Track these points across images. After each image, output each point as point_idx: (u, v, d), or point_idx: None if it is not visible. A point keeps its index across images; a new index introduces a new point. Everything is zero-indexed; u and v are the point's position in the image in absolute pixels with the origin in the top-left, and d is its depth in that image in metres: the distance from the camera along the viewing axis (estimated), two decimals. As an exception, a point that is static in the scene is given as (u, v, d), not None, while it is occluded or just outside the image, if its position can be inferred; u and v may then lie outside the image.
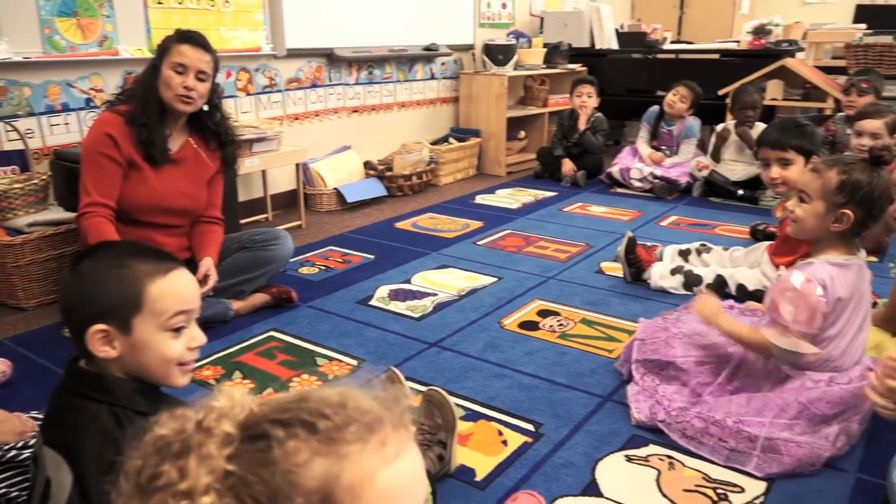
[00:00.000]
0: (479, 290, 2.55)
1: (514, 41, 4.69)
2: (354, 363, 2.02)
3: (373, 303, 2.45)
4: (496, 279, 2.67)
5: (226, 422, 0.50)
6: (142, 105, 2.05)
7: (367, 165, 4.06)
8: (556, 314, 2.34)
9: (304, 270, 2.79)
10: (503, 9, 5.03)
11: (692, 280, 2.52)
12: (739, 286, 2.43)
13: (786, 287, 1.56)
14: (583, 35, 5.15)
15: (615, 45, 5.27)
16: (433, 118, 4.64)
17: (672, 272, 2.55)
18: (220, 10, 3.20)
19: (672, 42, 5.65)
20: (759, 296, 2.30)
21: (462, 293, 2.53)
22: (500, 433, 1.65)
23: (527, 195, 4.05)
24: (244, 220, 3.37)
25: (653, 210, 3.69)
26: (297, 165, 3.41)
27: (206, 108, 2.15)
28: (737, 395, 1.64)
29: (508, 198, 4.00)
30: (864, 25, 5.24)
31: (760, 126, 3.72)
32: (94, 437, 0.94)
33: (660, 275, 2.56)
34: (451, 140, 4.53)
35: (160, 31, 2.13)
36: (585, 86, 4.28)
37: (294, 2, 3.50)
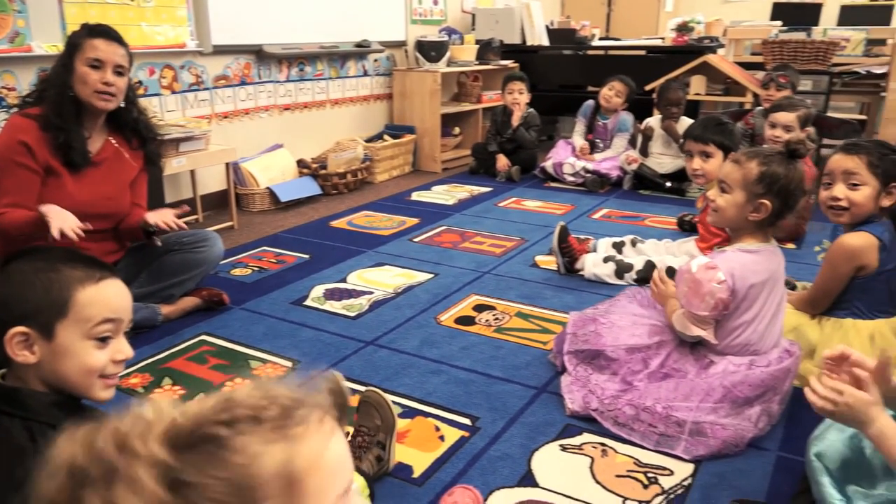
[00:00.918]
0: (416, 287, 2.55)
1: (447, 38, 4.70)
2: (289, 365, 1.98)
3: (308, 303, 2.42)
4: (432, 276, 2.67)
5: (151, 440, 0.48)
6: (55, 107, 1.95)
7: (301, 164, 4.00)
8: (492, 308, 2.36)
9: (237, 272, 2.73)
10: (435, 5, 5.03)
11: (623, 267, 2.58)
12: (669, 268, 2.52)
13: (685, 271, 1.63)
14: (514, 32, 5.20)
15: (546, 42, 5.35)
16: (367, 115, 4.61)
17: (605, 260, 2.62)
18: (141, 6, 3.09)
19: (601, 39, 5.77)
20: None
21: (398, 290, 2.52)
22: (438, 429, 1.65)
23: (462, 191, 4.07)
24: (173, 222, 3.26)
25: (585, 203, 3.77)
26: (228, 165, 3.33)
27: (123, 105, 2.07)
28: (665, 381, 1.69)
29: (444, 194, 4.01)
30: (780, 22, 5.49)
31: (685, 120, 3.85)
32: (4, 454, 0.89)
33: (593, 262, 2.62)
34: (386, 137, 4.51)
35: (76, 27, 2.03)
36: (517, 82, 4.33)
37: (219, -3, 3.42)
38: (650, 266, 2.56)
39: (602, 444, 1.59)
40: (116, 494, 0.46)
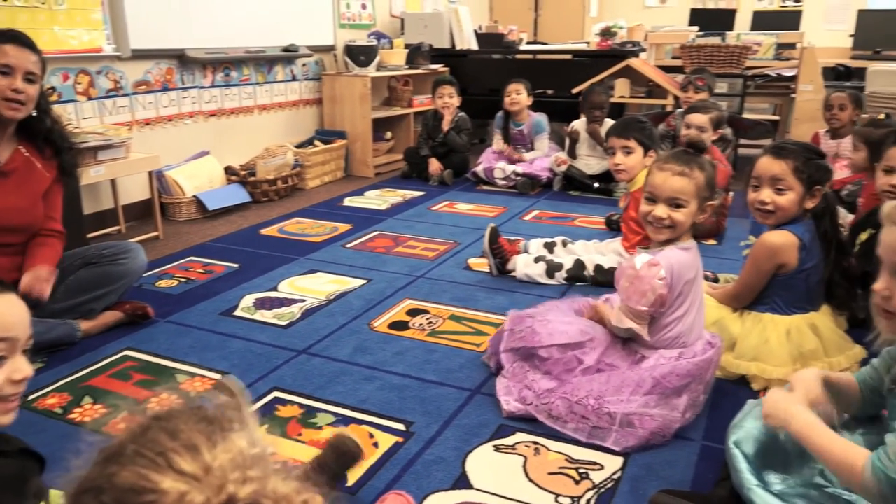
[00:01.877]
0: (349, 294, 2.53)
1: (376, 42, 4.69)
2: (218, 377, 1.93)
3: (237, 313, 2.36)
4: (365, 281, 2.65)
5: None
6: (-40, 115, 1.85)
7: (229, 171, 3.90)
8: (426, 312, 2.37)
9: (162, 284, 2.64)
10: (363, 10, 5.01)
11: (554, 267, 2.63)
12: (597, 266, 2.60)
13: (629, 267, 1.68)
14: (443, 36, 5.23)
15: (475, 46, 5.40)
16: (297, 120, 4.55)
17: (535, 260, 2.67)
18: (52, 9, 2.96)
19: (528, 43, 5.87)
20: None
21: (331, 297, 2.49)
22: (372, 436, 1.64)
23: (395, 195, 4.06)
24: (93, 234, 3.13)
25: (517, 205, 3.82)
26: (151, 173, 3.22)
27: (35, 114, 1.97)
28: (598, 375, 1.72)
29: (377, 199, 3.99)
30: (697, 28, 5.71)
31: (610, 122, 3.95)
32: None
33: (524, 263, 2.66)
34: (317, 142, 4.46)
35: (-19, 31, 1.93)
36: (446, 86, 4.36)
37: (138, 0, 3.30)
38: (579, 265, 2.62)
39: (535, 443, 1.61)
40: None
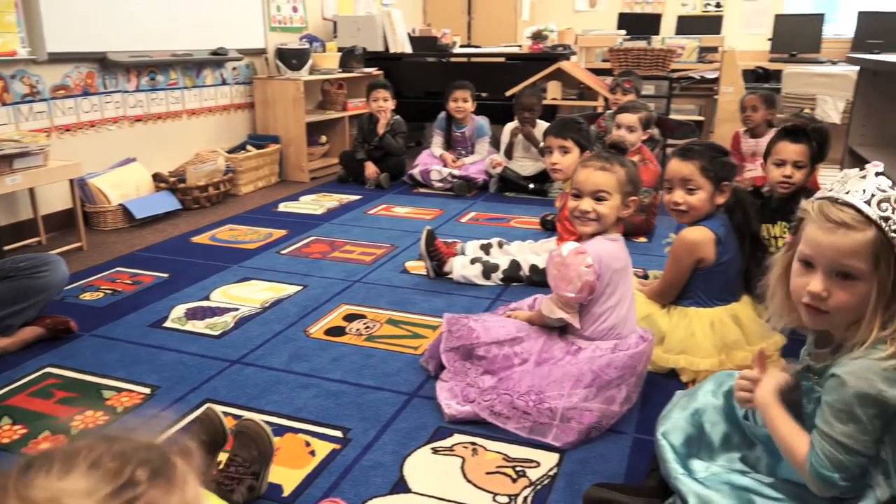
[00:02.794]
0: (284, 301, 2.49)
1: (308, 45, 4.63)
2: (147, 391, 1.87)
3: (167, 324, 2.29)
4: (301, 287, 2.61)
5: None
6: None
7: (157, 178, 3.79)
8: (363, 317, 2.35)
9: (87, 296, 2.54)
10: (294, 12, 4.94)
11: (490, 268, 2.66)
12: (532, 266, 2.63)
13: (556, 255, 1.72)
14: (376, 39, 5.22)
15: (409, 49, 5.40)
16: (228, 125, 4.45)
17: (472, 262, 2.68)
18: (-40, 10, 2.81)
19: (462, 46, 5.91)
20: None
21: (265, 305, 2.45)
22: (308, 444, 1.62)
23: (331, 200, 4.02)
24: (10, 247, 2.99)
25: (453, 208, 3.84)
26: (72, 181, 3.09)
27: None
28: (538, 368, 1.74)
29: (313, 204, 3.94)
30: (625, 32, 5.87)
31: (543, 124, 4.02)
32: None
33: (461, 265, 2.68)
34: (249, 147, 4.37)
35: None
36: (380, 90, 4.34)
37: (54, 1, 3.16)
38: (515, 265, 2.65)
39: (472, 444, 1.62)
40: None
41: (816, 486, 1.08)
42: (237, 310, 2.41)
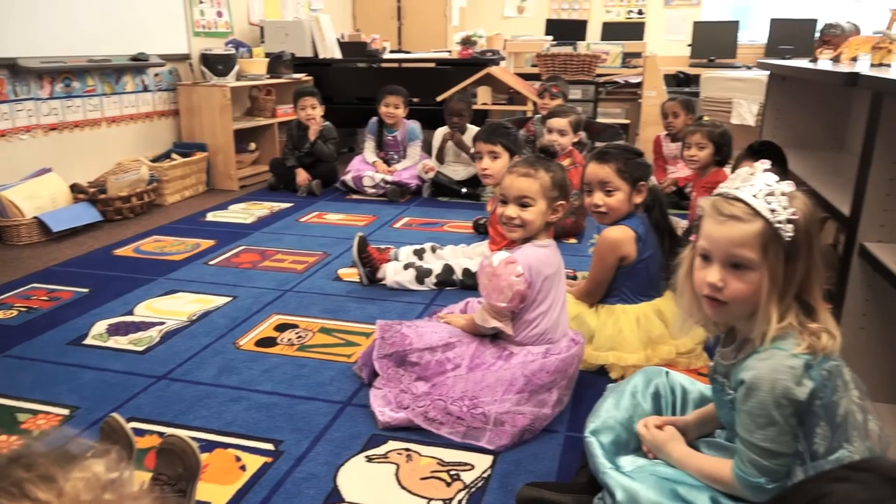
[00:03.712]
0: (213, 313, 2.43)
1: (234, 51, 4.54)
2: (66, 413, 1.78)
3: (88, 342, 2.20)
4: (231, 298, 2.55)
5: None
6: None
7: (76, 189, 3.63)
8: (295, 327, 2.31)
9: (-1, 315, 2.41)
10: (219, 17, 4.83)
11: (423, 273, 2.66)
12: (465, 270, 2.65)
13: (487, 265, 1.73)
14: (305, 44, 5.16)
15: (338, 55, 5.37)
16: (151, 133, 4.30)
17: (405, 267, 2.68)
18: None
19: (392, 52, 5.91)
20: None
21: (193, 318, 2.38)
22: (238, 459, 1.58)
23: (262, 208, 3.94)
24: (-87, 265, 2.81)
25: (387, 213, 3.83)
26: (-19, 194, 2.93)
27: None
28: (471, 374, 1.75)
29: (242, 212, 3.86)
30: (551, 37, 5.99)
31: (473, 129, 4.06)
32: None
33: (394, 271, 2.67)
34: (175, 156, 4.24)
35: None
36: (308, 98, 4.28)
37: (-43, 4, 3.00)
38: (448, 270, 2.66)
39: (407, 450, 1.61)
40: None
41: (747, 495, 1.13)
42: (163, 324, 2.33)
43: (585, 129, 4.14)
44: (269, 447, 1.62)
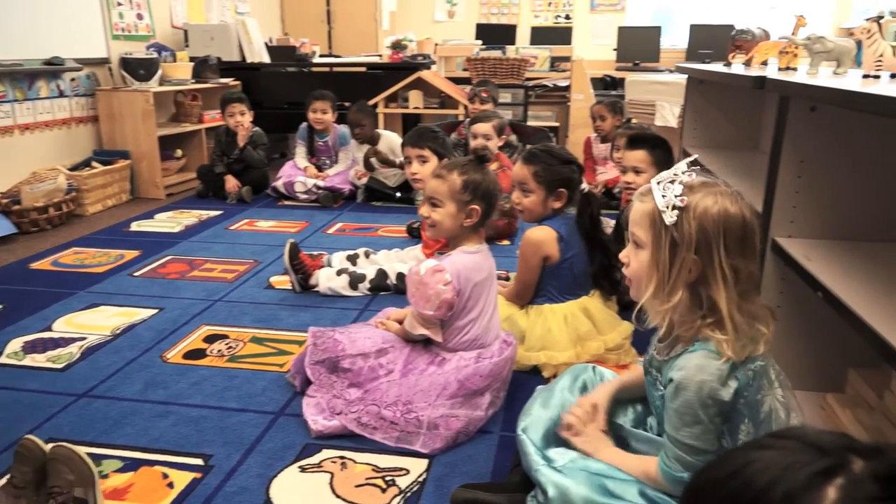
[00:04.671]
0: (138, 326, 2.34)
1: (156, 55, 4.40)
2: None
3: (1, 360, 2.09)
4: (157, 311, 2.47)
5: None
6: None
7: (-13, 200, 3.44)
8: (225, 337, 2.26)
9: None
10: (139, 20, 4.67)
11: (357, 278, 2.64)
12: (399, 274, 2.64)
13: (414, 273, 1.73)
14: (232, 48, 5.05)
15: (267, 59, 5.27)
16: (69, 141, 4.12)
17: (338, 273, 2.65)
18: None
19: (322, 56, 5.85)
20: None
21: (116, 332, 2.29)
22: (166, 476, 1.53)
23: (190, 217, 3.83)
24: None
25: (320, 219, 3.78)
26: None
27: None
28: (405, 379, 1.75)
29: (169, 221, 3.74)
30: (481, 42, 6.05)
31: (389, 135, 4.11)
32: None
33: (327, 276, 2.64)
34: (95, 164, 4.08)
35: None
36: (235, 104, 4.19)
37: None
38: (382, 274, 2.65)
39: (341, 458, 1.60)
40: None
41: (670, 488, 1.17)
42: (84, 339, 2.23)
43: (516, 133, 4.21)
44: (199, 462, 1.58)
